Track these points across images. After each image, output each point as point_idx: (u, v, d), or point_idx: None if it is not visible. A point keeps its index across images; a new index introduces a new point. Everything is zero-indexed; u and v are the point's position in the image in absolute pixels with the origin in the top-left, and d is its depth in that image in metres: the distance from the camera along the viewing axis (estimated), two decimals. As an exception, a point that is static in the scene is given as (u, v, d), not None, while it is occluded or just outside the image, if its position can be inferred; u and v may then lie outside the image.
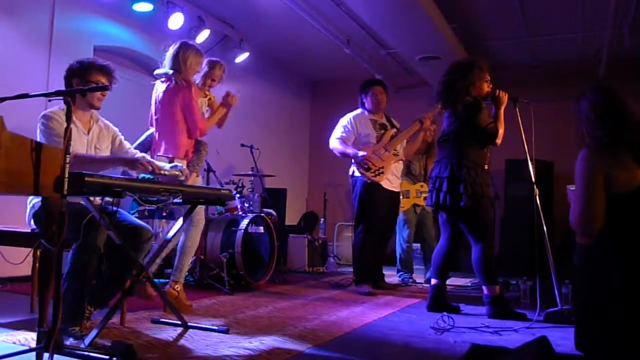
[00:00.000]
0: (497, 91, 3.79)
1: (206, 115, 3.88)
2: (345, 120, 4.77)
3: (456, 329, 3.12)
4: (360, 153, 4.55)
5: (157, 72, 3.67)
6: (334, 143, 4.73)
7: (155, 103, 3.64)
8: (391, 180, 4.70)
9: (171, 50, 3.60)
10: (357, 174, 4.65)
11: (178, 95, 3.52)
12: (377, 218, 4.62)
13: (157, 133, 3.62)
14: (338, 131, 4.75)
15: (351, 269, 5.53)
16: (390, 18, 5.43)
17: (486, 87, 3.79)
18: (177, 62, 3.55)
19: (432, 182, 3.80)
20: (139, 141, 3.82)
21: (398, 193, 4.91)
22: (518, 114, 3.84)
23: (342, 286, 4.95)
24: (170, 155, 3.49)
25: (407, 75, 7.74)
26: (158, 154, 3.54)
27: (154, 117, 3.65)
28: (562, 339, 2.96)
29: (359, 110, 4.83)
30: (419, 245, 5.76)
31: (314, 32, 6.18)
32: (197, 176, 3.75)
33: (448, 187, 3.64)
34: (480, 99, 3.74)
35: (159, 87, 3.63)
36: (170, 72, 3.56)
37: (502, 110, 3.76)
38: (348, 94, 8.64)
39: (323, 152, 8.90)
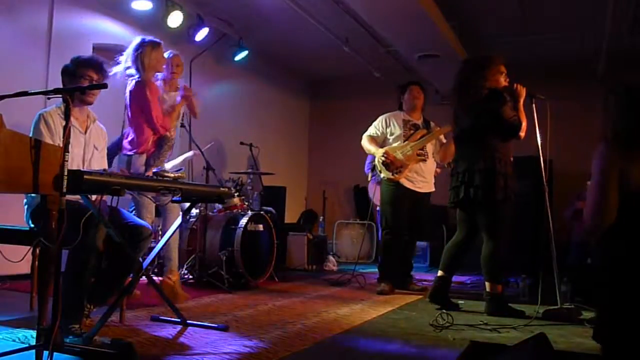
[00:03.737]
0: (515, 85, 3.74)
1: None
2: (378, 119, 4.79)
3: (455, 326, 3.13)
4: (380, 151, 4.56)
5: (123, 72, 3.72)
6: (363, 141, 4.77)
7: (126, 104, 3.75)
8: (414, 180, 4.60)
9: (129, 50, 3.66)
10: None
11: (136, 95, 3.62)
12: (400, 218, 4.58)
13: (128, 131, 3.73)
14: (369, 130, 4.78)
15: (351, 267, 5.56)
16: (389, 16, 5.42)
17: (503, 81, 3.74)
18: (136, 61, 3.63)
19: (458, 177, 3.69)
20: (112, 142, 3.86)
21: (425, 194, 4.71)
22: (535, 110, 3.78)
23: (341, 284, 4.95)
24: (130, 153, 3.63)
25: (406, 73, 7.71)
26: (122, 152, 3.68)
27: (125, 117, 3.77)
28: (561, 336, 2.97)
29: (396, 111, 4.83)
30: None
31: (312, 31, 6.17)
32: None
33: (482, 180, 3.56)
34: (500, 90, 3.68)
35: (127, 88, 3.72)
36: (132, 72, 3.64)
37: (521, 104, 3.71)
38: (347, 91, 8.73)
39: (322, 150, 8.97)
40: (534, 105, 3.80)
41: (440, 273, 3.82)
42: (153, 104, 3.64)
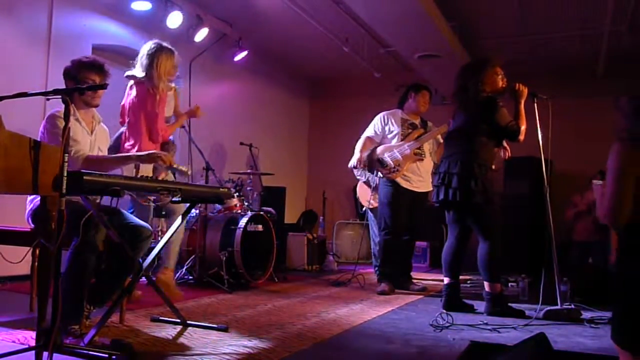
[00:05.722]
0: (517, 84, 3.72)
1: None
2: (377, 118, 4.79)
3: (455, 327, 3.13)
4: (357, 154, 4.67)
5: (128, 73, 3.67)
6: (359, 141, 4.77)
7: (127, 105, 3.66)
8: (411, 179, 4.60)
9: (144, 52, 3.60)
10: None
11: (146, 102, 3.57)
12: (398, 218, 4.57)
13: (128, 134, 3.64)
14: (369, 130, 4.78)
15: (351, 267, 5.56)
16: (389, 16, 5.42)
17: (500, 82, 3.75)
18: (150, 67, 3.56)
19: (439, 178, 3.74)
20: (110, 143, 3.84)
21: (423, 194, 4.70)
22: (536, 109, 3.75)
23: (341, 284, 4.95)
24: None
25: (406, 73, 7.73)
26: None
27: (125, 119, 3.67)
28: (561, 336, 2.97)
29: (394, 109, 4.83)
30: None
31: (312, 31, 6.18)
32: (166, 175, 3.84)
33: (458, 183, 3.60)
34: (495, 97, 3.68)
35: (133, 90, 3.65)
36: (142, 77, 3.58)
37: (522, 105, 3.70)
38: (347, 92, 8.73)
39: (322, 150, 8.97)
40: (535, 104, 3.79)
41: (446, 280, 3.80)
42: (160, 115, 3.61)
